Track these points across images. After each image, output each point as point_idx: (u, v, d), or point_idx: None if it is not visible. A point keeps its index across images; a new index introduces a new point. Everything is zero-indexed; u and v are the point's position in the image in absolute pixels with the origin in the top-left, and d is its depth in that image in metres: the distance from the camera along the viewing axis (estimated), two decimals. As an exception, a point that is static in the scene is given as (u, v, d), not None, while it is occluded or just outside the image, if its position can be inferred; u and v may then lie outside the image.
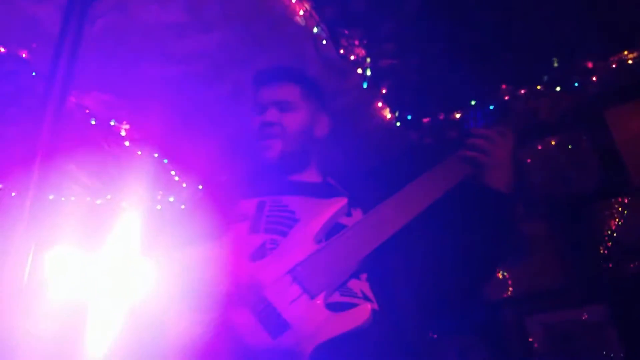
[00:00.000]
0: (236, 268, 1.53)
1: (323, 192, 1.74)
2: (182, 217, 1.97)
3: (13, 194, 3.85)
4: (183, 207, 3.76)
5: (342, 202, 1.64)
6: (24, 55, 2.78)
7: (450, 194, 1.55)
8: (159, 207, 4.25)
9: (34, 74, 2.85)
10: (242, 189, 1.78)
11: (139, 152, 3.64)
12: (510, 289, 3.23)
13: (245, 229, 1.66)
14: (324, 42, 2.89)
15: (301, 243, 1.58)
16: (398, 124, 3.02)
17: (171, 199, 4.24)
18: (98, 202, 4.07)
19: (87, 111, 3.16)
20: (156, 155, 3.73)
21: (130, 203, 4.17)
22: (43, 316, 3.77)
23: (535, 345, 3.09)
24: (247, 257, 1.59)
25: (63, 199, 3.95)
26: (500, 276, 3.23)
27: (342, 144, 2.28)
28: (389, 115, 3.02)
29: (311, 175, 1.87)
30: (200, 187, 3.60)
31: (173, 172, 3.92)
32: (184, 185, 4.09)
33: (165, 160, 3.80)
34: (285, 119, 1.73)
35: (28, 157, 3.15)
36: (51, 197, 3.92)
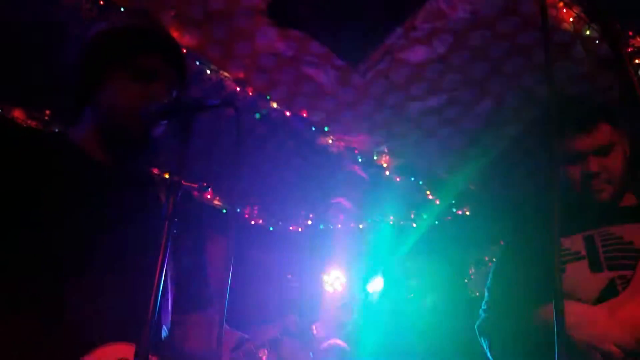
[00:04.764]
0: (601, 320, 1.47)
1: None
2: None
3: (291, 228, 4.37)
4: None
5: None
6: (304, 115, 3.12)
7: None
8: (414, 224, 4.40)
9: (313, 128, 3.18)
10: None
11: (398, 179, 3.82)
12: None
13: (585, 268, 1.58)
14: (597, 42, 2.68)
15: None
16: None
17: (425, 216, 4.36)
18: (360, 226, 4.38)
19: (356, 151, 3.42)
20: (412, 179, 3.86)
21: (386, 222, 4.41)
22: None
23: None
24: (600, 297, 1.52)
25: (331, 227, 4.34)
26: None
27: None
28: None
29: (630, 198, 1.72)
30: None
31: (428, 192, 4.02)
32: (437, 202, 4.17)
33: (421, 182, 3.92)
34: (608, 163, 1.60)
35: (302, 196, 3.46)
36: (321, 226, 4.34)
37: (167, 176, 1.05)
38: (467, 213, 4.27)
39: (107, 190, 1.26)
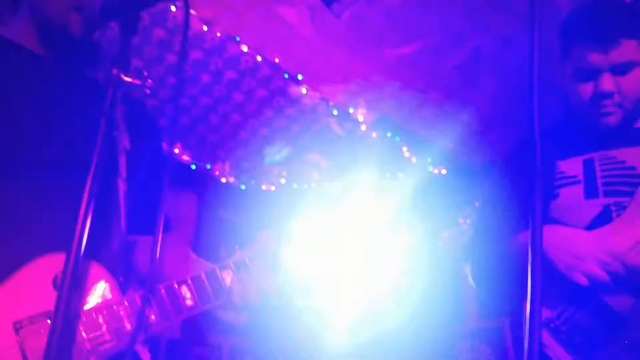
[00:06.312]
0: (586, 242, 1.39)
1: None
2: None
3: (264, 187, 4.24)
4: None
5: None
6: (277, 61, 2.98)
7: None
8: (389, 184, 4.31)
9: (286, 76, 3.04)
10: (555, 148, 1.59)
11: (374, 134, 3.71)
12: None
13: (579, 194, 1.50)
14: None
15: None
16: None
17: (400, 175, 4.28)
18: (336, 185, 4.27)
19: (331, 103, 3.29)
20: (389, 134, 3.77)
21: (362, 182, 4.30)
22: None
23: None
24: (591, 225, 1.44)
25: (305, 185, 4.23)
26: None
27: None
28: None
29: None
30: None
31: (405, 149, 3.93)
32: (414, 160, 4.09)
33: (397, 138, 3.83)
34: (624, 84, 1.47)
35: (274, 152, 3.33)
36: (295, 185, 4.22)
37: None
38: (444, 172, 4.20)
39: (49, 84, 1.17)
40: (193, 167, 3.74)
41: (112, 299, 1.05)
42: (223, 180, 4.00)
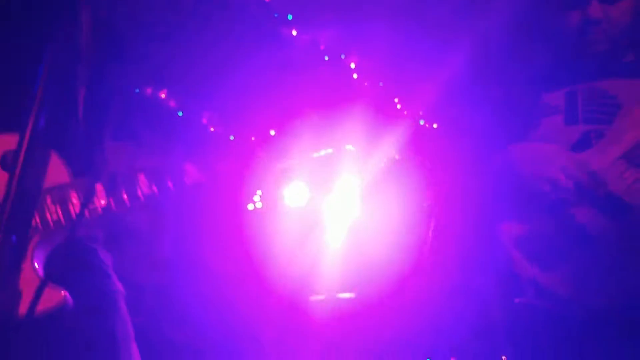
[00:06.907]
0: (557, 155, 1.41)
1: None
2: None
3: (253, 138, 4.18)
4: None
5: None
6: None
7: None
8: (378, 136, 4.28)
9: (276, 15, 2.95)
10: (541, 81, 1.62)
11: (366, 84, 3.65)
12: None
13: (560, 122, 1.54)
14: None
15: (636, 127, 1.41)
16: None
17: (391, 128, 4.24)
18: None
19: (322, 47, 3.22)
20: (381, 84, 3.70)
21: (352, 136, 4.26)
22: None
23: None
24: (570, 149, 1.47)
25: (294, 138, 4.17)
26: None
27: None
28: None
29: (629, 55, 1.62)
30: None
31: (396, 100, 3.87)
32: (405, 112, 4.03)
33: (390, 89, 3.76)
34: (613, 13, 1.46)
35: (271, 104, 3.29)
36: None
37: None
38: (435, 126, 4.15)
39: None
40: (180, 114, 3.66)
41: (63, 183, 1.04)
42: (212, 129, 3.93)
